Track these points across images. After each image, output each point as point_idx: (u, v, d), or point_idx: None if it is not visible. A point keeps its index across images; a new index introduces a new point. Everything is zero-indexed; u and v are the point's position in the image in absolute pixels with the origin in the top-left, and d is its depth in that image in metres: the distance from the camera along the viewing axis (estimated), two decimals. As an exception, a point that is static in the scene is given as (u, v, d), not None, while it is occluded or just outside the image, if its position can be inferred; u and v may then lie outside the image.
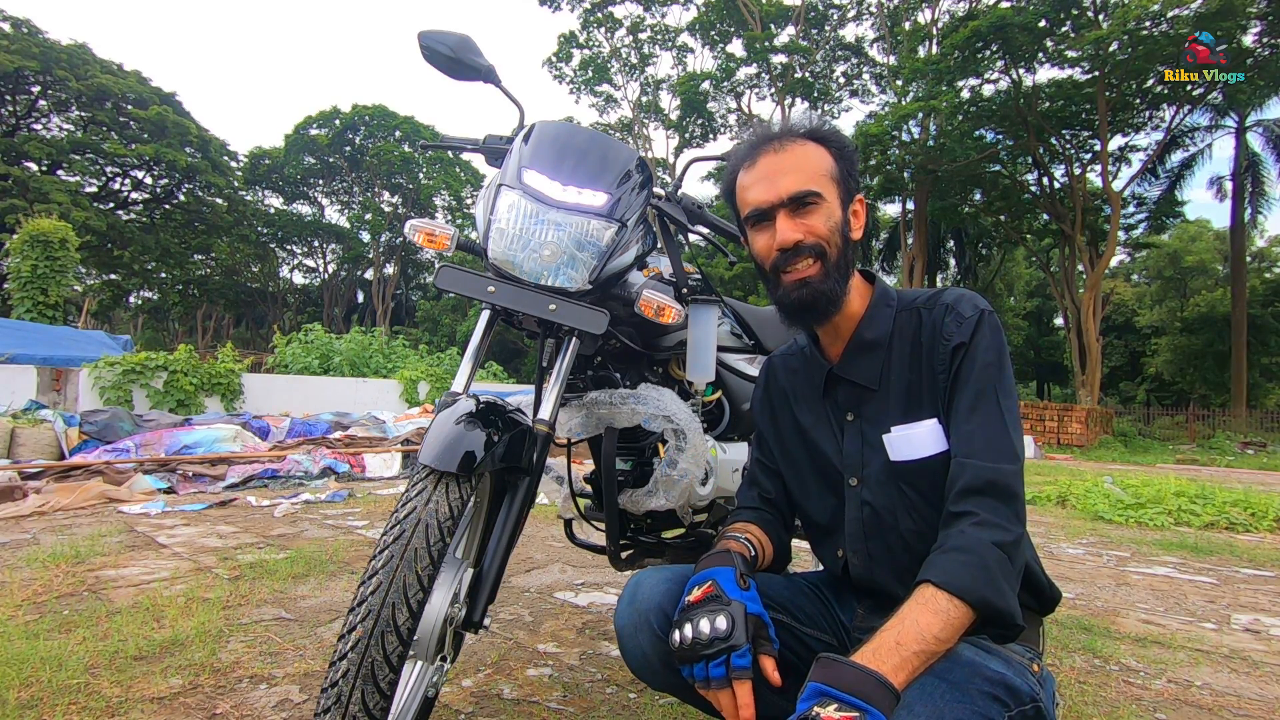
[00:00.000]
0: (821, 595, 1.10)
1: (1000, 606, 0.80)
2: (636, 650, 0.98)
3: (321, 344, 12.89)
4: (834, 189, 0.99)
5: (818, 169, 0.98)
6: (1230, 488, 5.88)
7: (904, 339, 1.02)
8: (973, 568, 0.81)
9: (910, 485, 0.97)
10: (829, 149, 1.00)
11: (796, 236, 0.97)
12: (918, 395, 0.98)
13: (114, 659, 1.77)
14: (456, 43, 1.40)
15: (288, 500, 4.50)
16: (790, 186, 0.97)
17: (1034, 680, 0.87)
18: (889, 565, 1.01)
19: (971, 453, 0.90)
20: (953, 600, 0.79)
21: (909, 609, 0.80)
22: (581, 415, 1.41)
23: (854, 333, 1.05)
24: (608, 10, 27.70)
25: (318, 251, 38.33)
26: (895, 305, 1.04)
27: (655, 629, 0.96)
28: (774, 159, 0.99)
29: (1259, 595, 2.91)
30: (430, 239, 1.29)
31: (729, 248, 1.61)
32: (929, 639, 0.76)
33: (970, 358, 0.94)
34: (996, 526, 0.84)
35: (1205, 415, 21.10)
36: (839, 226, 0.99)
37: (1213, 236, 29.43)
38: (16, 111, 23.75)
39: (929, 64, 18.82)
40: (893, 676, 0.72)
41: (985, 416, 0.91)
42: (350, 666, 0.88)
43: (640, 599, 0.99)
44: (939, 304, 1.00)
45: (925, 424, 0.96)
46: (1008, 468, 0.88)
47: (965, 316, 0.96)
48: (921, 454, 0.95)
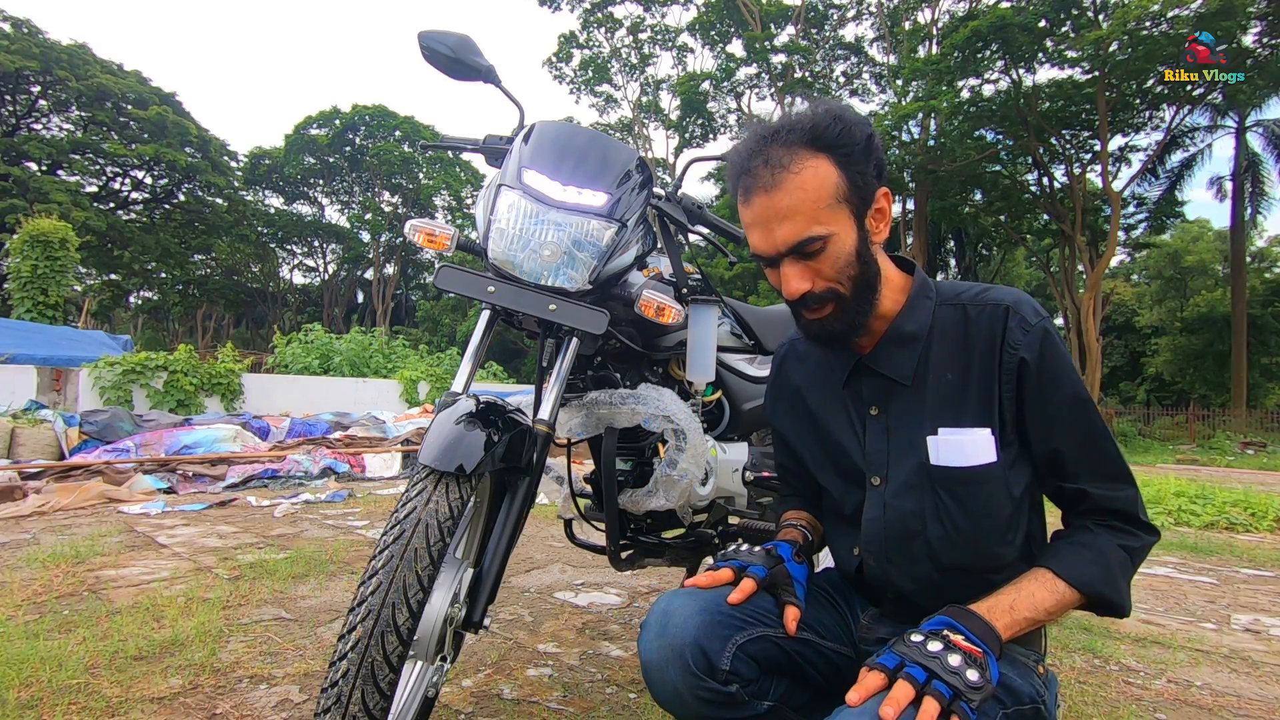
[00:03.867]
0: (836, 603, 1.07)
1: (1116, 602, 0.85)
2: (666, 685, 0.91)
3: (321, 344, 12.89)
4: (842, 212, 0.89)
5: (819, 200, 0.87)
6: (1230, 488, 5.87)
7: (946, 335, 0.95)
8: (1095, 564, 0.85)
9: (948, 491, 0.92)
10: (834, 158, 0.88)
11: (804, 288, 0.90)
12: (961, 398, 0.92)
13: (114, 659, 1.77)
14: (456, 43, 1.40)
15: (288, 500, 4.50)
16: (788, 237, 0.88)
17: (1039, 682, 0.87)
18: (907, 569, 0.97)
19: (1080, 475, 0.90)
20: (1070, 588, 0.84)
21: (1027, 582, 0.86)
22: (581, 415, 1.41)
23: (890, 325, 0.98)
24: (608, 10, 27.69)
25: (318, 251, 38.32)
26: (935, 299, 0.97)
27: (690, 664, 0.90)
28: (767, 201, 0.88)
29: (1259, 595, 2.91)
30: (430, 239, 1.29)
31: (729, 248, 1.61)
32: (1039, 611, 0.83)
33: (1051, 373, 0.89)
34: (1125, 532, 0.89)
35: (1205, 415, 21.09)
36: (853, 255, 0.90)
37: (1213, 236, 29.42)
38: (16, 111, 23.76)
39: (929, 64, 18.80)
40: (1003, 632, 0.81)
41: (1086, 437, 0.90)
42: (350, 666, 0.88)
43: (672, 630, 0.92)
44: (991, 303, 0.93)
45: (979, 432, 0.90)
46: (1128, 493, 0.89)
47: (1031, 325, 0.90)
48: (971, 462, 0.90)
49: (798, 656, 0.98)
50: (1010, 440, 0.92)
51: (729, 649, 0.92)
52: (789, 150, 0.87)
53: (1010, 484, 0.91)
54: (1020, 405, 0.91)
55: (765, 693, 0.96)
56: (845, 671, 1.00)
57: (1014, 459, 0.92)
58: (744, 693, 0.93)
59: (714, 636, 0.92)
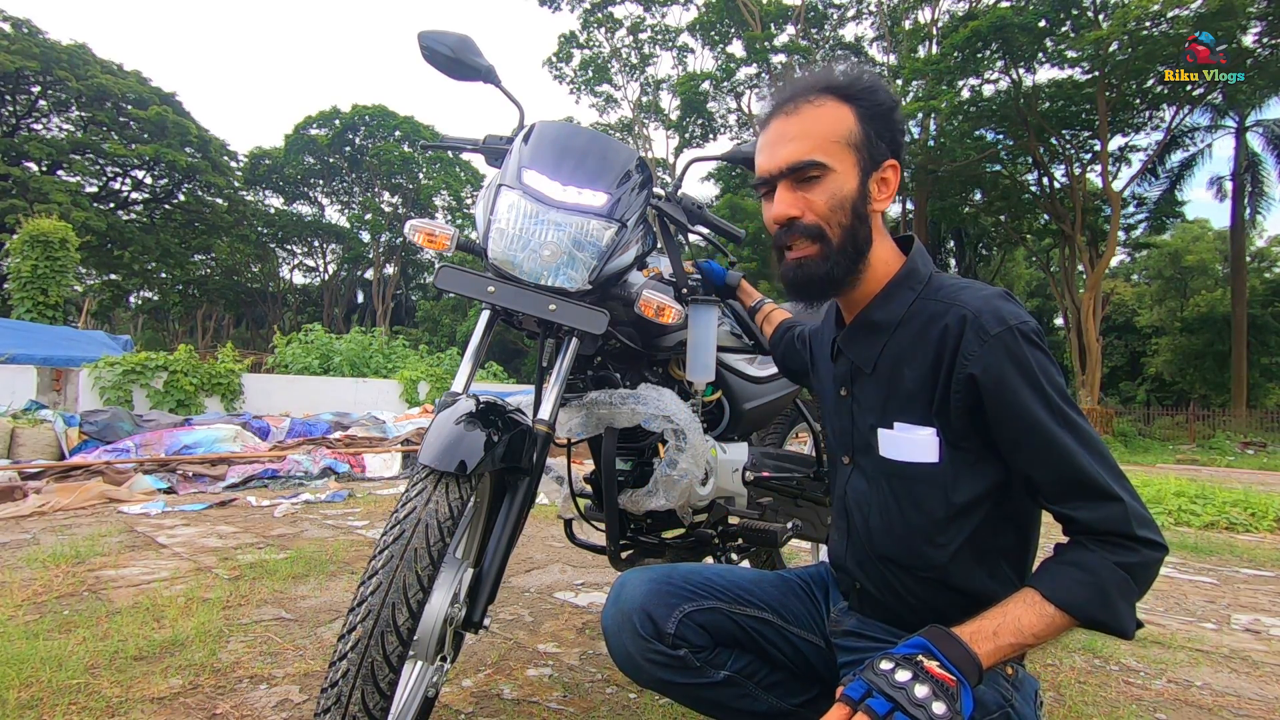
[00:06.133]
0: (810, 594, 1.11)
1: (1114, 627, 0.78)
2: (620, 648, 1.01)
3: (321, 344, 12.89)
4: (849, 157, 0.89)
5: (829, 134, 0.88)
6: (1230, 488, 5.87)
7: (914, 330, 0.92)
8: (1085, 586, 0.78)
9: (889, 483, 0.94)
10: (856, 107, 0.89)
11: (791, 212, 0.90)
12: (913, 396, 0.90)
13: (114, 659, 1.77)
14: (456, 43, 1.40)
15: (288, 500, 4.50)
16: (789, 156, 0.89)
17: (1005, 685, 0.84)
18: (854, 552, 1.01)
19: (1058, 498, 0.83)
20: (1059, 611, 0.78)
21: (1013, 605, 0.80)
22: (581, 415, 1.41)
23: (862, 310, 0.98)
24: (608, 10, 27.69)
25: (318, 251, 38.33)
26: (919, 289, 0.94)
27: (638, 627, 0.99)
28: (783, 123, 0.91)
29: (1259, 595, 2.91)
30: (430, 239, 1.28)
31: (729, 248, 1.61)
32: (1026, 635, 0.78)
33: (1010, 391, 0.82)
34: (1123, 549, 0.80)
35: (1205, 415, 21.08)
36: (848, 201, 0.89)
37: (1213, 236, 29.41)
38: (16, 111, 23.75)
39: (929, 64, 18.81)
40: (985, 660, 0.77)
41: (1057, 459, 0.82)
42: (350, 666, 0.88)
43: (624, 599, 1.02)
44: (956, 305, 0.88)
45: (923, 431, 0.89)
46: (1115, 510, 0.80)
47: (989, 335, 0.83)
48: (911, 459, 0.91)
49: (756, 635, 1.03)
50: (963, 447, 0.88)
51: (675, 615, 1.00)
52: (817, 90, 0.91)
53: (951, 489, 0.88)
54: (980, 420, 0.86)
55: (721, 663, 1.01)
56: (812, 659, 1.05)
57: (965, 465, 0.88)
58: (694, 658, 0.99)
59: (660, 604, 1.00)
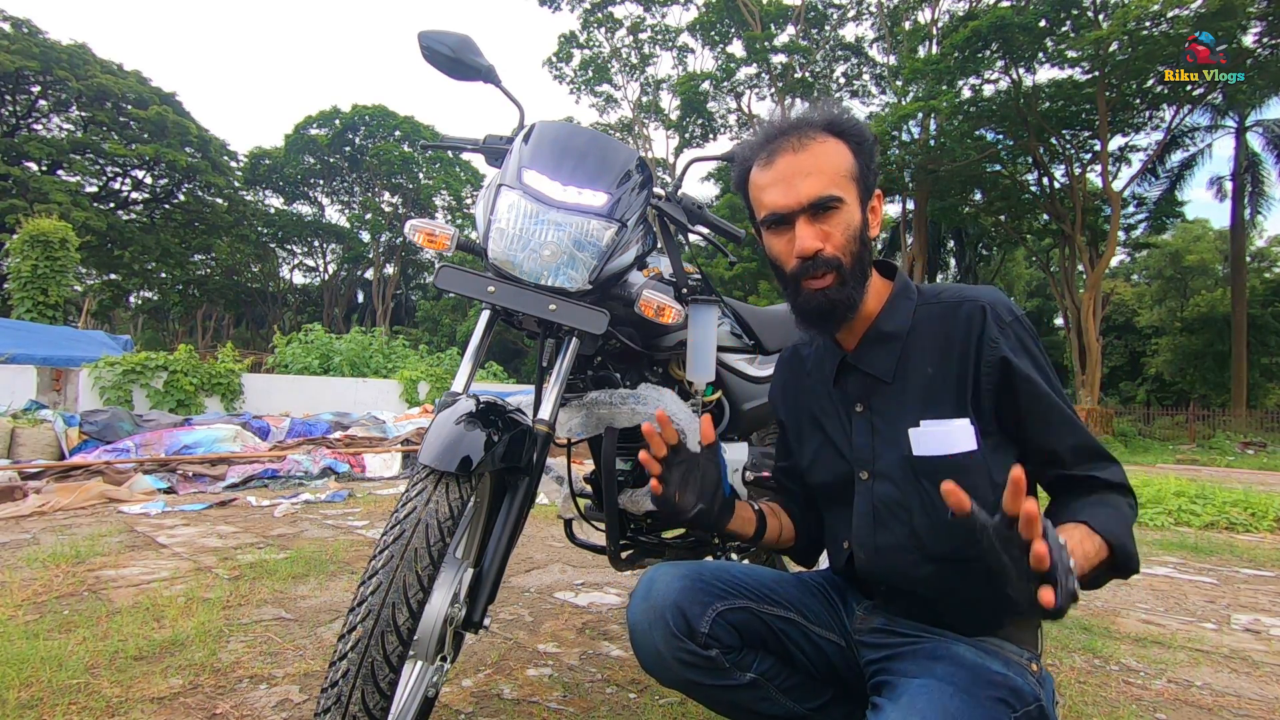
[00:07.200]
0: (829, 595, 1.10)
1: (1135, 554, 0.87)
2: (650, 646, 0.99)
3: (321, 344, 12.89)
4: (853, 189, 0.95)
5: (838, 169, 0.94)
6: (1230, 488, 5.87)
7: (925, 333, 0.99)
8: (1121, 523, 0.87)
9: (931, 481, 0.94)
10: (848, 143, 0.96)
11: (817, 245, 0.93)
12: (941, 390, 0.95)
13: (114, 659, 1.77)
14: (456, 43, 1.40)
15: (288, 500, 4.50)
16: (811, 191, 0.93)
17: (1033, 680, 0.88)
18: (897, 560, 0.99)
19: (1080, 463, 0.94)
20: (1103, 542, 0.84)
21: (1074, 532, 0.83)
22: (581, 415, 1.41)
23: (871, 324, 1.02)
24: (608, 10, 27.70)
25: (318, 251, 38.32)
26: (916, 299, 1.02)
27: (671, 625, 0.97)
28: (792, 160, 0.94)
29: (1259, 595, 2.91)
30: (430, 239, 1.28)
31: (729, 248, 1.61)
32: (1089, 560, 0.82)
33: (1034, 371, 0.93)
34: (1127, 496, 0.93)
35: (1205, 415, 21.07)
36: (858, 231, 0.96)
37: (1213, 236, 29.41)
38: (16, 111, 23.76)
39: (929, 64, 18.80)
40: None
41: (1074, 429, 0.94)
42: (350, 666, 0.88)
43: (656, 594, 1.00)
44: (969, 300, 0.97)
45: (958, 422, 0.93)
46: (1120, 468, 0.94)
47: (1007, 322, 0.94)
48: (952, 451, 0.93)
49: (782, 635, 1.02)
50: (991, 430, 0.94)
51: (709, 614, 0.98)
52: (812, 129, 0.96)
53: (993, 471, 0.93)
54: (1007, 401, 0.93)
55: (748, 665, 1.00)
56: (833, 659, 1.04)
57: (995, 448, 0.95)
58: (724, 659, 0.98)
59: (694, 601, 0.99)
